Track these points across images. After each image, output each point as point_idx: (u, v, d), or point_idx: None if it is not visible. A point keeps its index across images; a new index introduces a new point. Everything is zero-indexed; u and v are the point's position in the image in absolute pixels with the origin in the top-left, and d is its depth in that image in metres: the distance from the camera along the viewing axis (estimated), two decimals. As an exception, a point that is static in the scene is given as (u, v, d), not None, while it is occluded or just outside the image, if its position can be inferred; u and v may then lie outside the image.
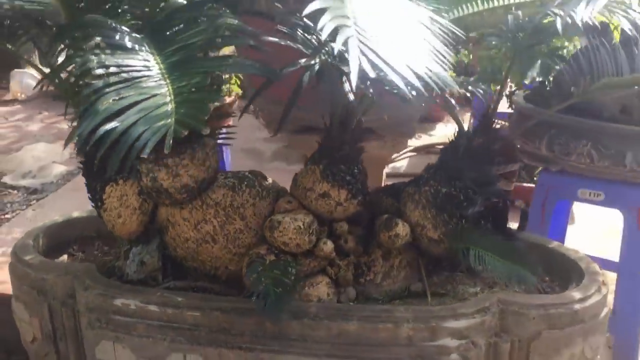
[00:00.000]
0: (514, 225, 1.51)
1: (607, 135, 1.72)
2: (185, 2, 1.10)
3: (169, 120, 0.84)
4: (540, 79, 1.80)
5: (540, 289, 1.32)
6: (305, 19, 0.98)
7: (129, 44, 0.99)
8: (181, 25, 1.00)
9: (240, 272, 1.31)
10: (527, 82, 1.91)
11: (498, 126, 1.39)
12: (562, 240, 2.30)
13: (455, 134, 1.38)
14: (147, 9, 1.12)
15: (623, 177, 1.75)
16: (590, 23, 0.99)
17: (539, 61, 1.68)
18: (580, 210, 2.90)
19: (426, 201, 1.33)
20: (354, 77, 0.61)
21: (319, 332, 1.21)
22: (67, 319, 1.37)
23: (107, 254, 1.55)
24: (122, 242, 1.45)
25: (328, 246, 1.30)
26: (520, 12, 1.13)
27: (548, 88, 1.88)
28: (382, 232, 1.32)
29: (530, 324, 1.20)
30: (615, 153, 1.72)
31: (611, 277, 2.16)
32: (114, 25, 1.02)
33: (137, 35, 1.02)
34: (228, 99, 2.28)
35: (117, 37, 1.00)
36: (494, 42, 1.32)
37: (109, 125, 0.84)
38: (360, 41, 0.63)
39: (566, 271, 1.36)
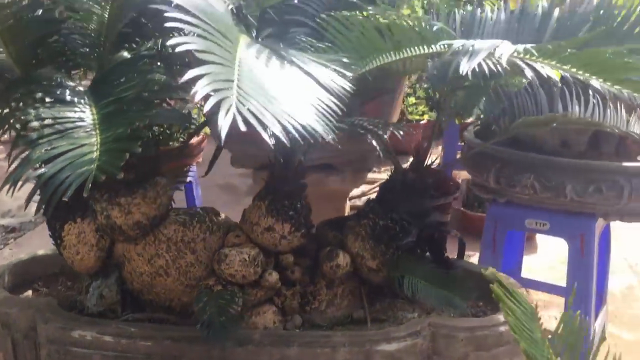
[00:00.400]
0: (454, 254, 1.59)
1: (548, 168, 1.82)
2: (129, 56, 1.21)
3: (92, 166, 0.94)
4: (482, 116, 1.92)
5: (471, 313, 1.40)
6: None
7: (68, 98, 1.10)
8: (120, 79, 1.12)
9: (193, 303, 1.40)
10: (471, 118, 2.03)
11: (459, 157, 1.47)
12: (518, 270, 2.39)
13: (392, 170, 1.48)
14: (95, 62, 1.23)
15: (565, 207, 1.84)
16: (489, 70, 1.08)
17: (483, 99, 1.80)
18: (542, 240, 3.00)
19: (365, 233, 1.42)
20: (223, 134, 0.71)
21: (262, 358, 1.28)
22: (29, 351, 1.44)
23: (71, 289, 1.62)
24: (84, 278, 1.53)
25: (273, 277, 1.38)
26: (436, 59, 1.24)
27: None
28: (324, 262, 1.41)
29: (459, 345, 1.28)
30: (556, 185, 1.81)
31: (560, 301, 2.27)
32: (59, 80, 1.13)
33: (80, 89, 1.13)
34: (196, 139, 2.38)
35: (59, 91, 1.11)
36: (425, 86, 1.43)
37: (38, 172, 0.94)
38: (240, 101, 0.73)
39: (498, 296, 1.44)
